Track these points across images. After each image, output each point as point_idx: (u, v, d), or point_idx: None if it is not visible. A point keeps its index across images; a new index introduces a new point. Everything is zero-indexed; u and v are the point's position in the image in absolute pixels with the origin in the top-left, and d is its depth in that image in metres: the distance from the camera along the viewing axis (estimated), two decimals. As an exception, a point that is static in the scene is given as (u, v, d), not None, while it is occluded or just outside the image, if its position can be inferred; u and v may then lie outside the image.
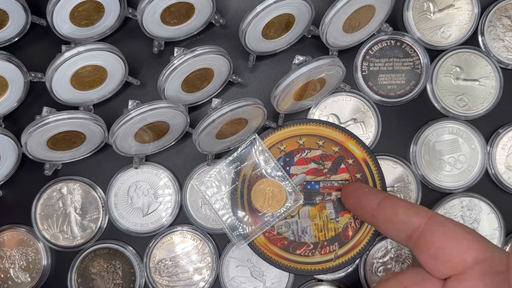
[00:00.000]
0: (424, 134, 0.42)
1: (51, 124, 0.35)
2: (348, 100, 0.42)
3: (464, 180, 0.42)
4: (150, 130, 0.38)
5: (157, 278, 0.41)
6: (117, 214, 0.42)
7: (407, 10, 0.42)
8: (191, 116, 0.41)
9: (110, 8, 0.38)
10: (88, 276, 0.42)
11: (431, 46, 0.42)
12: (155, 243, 0.41)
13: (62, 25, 0.37)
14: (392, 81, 0.42)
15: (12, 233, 0.42)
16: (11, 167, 0.40)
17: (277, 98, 0.37)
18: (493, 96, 0.42)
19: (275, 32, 0.39)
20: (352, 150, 0.40)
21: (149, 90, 0.42)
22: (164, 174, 0.42)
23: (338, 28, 0.38)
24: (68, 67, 0.36)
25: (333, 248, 0.39)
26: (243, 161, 0.40)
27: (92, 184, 0.42)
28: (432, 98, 0.42)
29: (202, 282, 0.41)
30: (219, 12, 0.41)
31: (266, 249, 0.39)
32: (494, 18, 0.42)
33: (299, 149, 0.40)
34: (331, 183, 0.40)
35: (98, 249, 0.41)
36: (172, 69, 0.36)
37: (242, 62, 0.42)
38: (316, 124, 0.40)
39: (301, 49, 0.42)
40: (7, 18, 0.38)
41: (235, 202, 0.40)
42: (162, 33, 0.39)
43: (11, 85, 0.39)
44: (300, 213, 0.40)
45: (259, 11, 0.36)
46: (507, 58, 0.42)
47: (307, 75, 0.36)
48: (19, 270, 0.41)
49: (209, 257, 0.42)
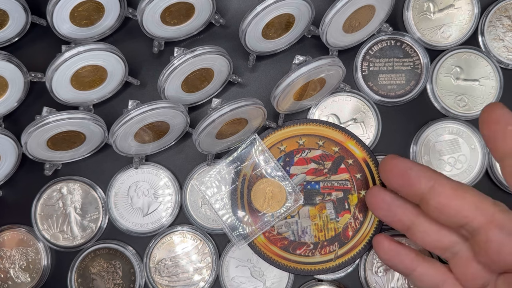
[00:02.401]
0: (424, 134, 0.42)
1: (51, 124, 0.35)
2: (348, 100, 0.42)
3: (464, 180, 0.42)
4: (150, 130, 0.38)
5: (157, 278, 0.41)
6: (117, 214, 0.42)
7: (407, 10, 0.42)
8: (191, 116, 0.41)
9: (110, 8, 0.38)
10: (88, 276, 0.42)
11: (431, 46, 0.42)
12: (155, 243, 0.41)
13: (62, 25, 0.37)
14: (392, 81, 0.42)
15: (12, 233, 0.42)
16: (11, 167, 0.40)
17: (277, 98, 0.37)
18: (493, 96, 0.42)
19: (275, 32, 0.39)
20: (352, 150, 0.40)
21: (149, 90, 0.42)
22: (164, 174, 0.42)
23: (338, 28, 0.38)
24: (68, 67, 0.36)
25: (333, 248, 0.39)
26: (243, 161, 0.40)
27: (92, 184, 0.42)
28: (432, 98, 0.42)
29: (202, 282, 0.41)
30: (219, 12, 0.41)
31: (266, 249, 0.39)
32: (494, 18, 0.42)
33: (299, 149, 0.40)
34: (331, 183, 0.40)
35: (98, 249, 0.41)
36: (172, 69, 0.36)
37: (242, 62, 0.42)
38: (316, 124, 0.40)
39: (301, 49, 0.42)
40: (7, 18, 0.38)
41: (235, 202, 0.40)
42: (162, 33, 0.39)
43: (11, 85, 0.39)
44: (300, 213, 0.40)
45: (259, 11, 0.36)
46: (507, 58, 0.42)
47: (307, 75, 0.36)
48: (19, 270, 0.41)
49: (209, 257, 0.42)
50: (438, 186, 0.31)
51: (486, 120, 0.30)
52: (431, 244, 0.33)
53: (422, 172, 0.32)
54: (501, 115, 0.30)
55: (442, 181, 0.31)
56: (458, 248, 0.33)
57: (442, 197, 0.31)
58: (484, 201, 0.31)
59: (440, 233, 0.33)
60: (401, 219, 0.34)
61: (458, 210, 0.31)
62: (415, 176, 0.32)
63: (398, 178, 0.33)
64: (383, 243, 0.35)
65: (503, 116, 0.30)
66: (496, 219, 0.30)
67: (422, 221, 0.34)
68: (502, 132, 0.29)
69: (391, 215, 0.35)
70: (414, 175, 0.32)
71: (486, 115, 0.30)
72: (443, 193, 0.31)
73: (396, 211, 0.34)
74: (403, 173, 0.33)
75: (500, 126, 0.29)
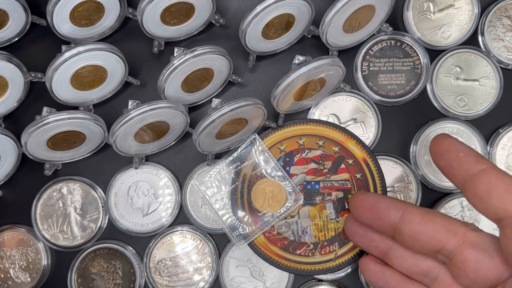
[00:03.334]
0: (424, 134, 0.42)
1: (51, 124, 0.35)
2: (348, 100, 0.42)
3: (464, 180, 0.42)
4: (150, 130, 0.38)
5: (157, 278, 0.41)
6: (117, 214, 0.42)
7: (407, 10, 0.42)
8: (191, 116, 0.41)
9: (110, 8, 0.38)
10: (88, 276, 0.42)
11: (431, 46, 0.42)
12: (155, 243, 0.41)
13: (62, 25, 0.37)
14: (392, 81, 0.42)
15: (12, 233, 0.42)
16: (11, 167, 0.40)
17: (277, 98, 0.37)
18: (493, 96, 0.42)
19: (275, 32, 0.39)
20: (352, 150, 0.40)
21: (149, 90, 0.42)
22: (164, 174, 0.42)
23: (338, 28, 0.38)
24: (68, 67, 0.36)
25: (333, 248, 0.39)
26: (243, 161, 0.40)
27: (92, 184, 0.42)
28: (432, 98, 0.42)
29: (202, 282, 0.41)
30: (219, 12, 0.41)
31: (266, 249, 0.39)
32: (494, 18, 0.42)
33: (299, 149, 0.40)
34: (331, 183, 0.40)
35: (98, 249, 0.41)
36: (172, 69, 0.36)
37: (242, 62, 0.42)
38: (316, 124, 0.40)
39: (301, 49, 0.42)
40: (7, 18, 0.38)
41: (235, 202, 0.40)
42: (162, 33, 0.39)
43: (11, 85, 0.39)
44: (300, 213, 0.40)
45: (259, 11, 0.36)
46: (507, 58, 0.42)
47: (307, 75, 0.36)
48: (19, 270, 0.41)
49: (209, 257, 0.42)
50: (408, 214, 0.32)
51: (437, 152, 0.31)
52: (408, 269, 0.33)
53: (390, 203, 0.33)
54: (450, 144, 0.30)
55: (410, 209, 0.32)
56: (436, 273, 0.32)
57: (414, 224, 0.31)
58: (454, 222, 0.31)
59: (417, 258, 0.33)
60: (378, 245, 0.34)
61: (431, 235, 0.31)
62: (384, 209, 0.33)
63: (368, 213, 0.34)
64: (369, 265, 0.35)
65: (452, 145, 0.30)
66: (468, 238, 0.30)
67: (398, 246, 0.34)
68: (455, 160, 0.30)
69: (367, 240, 0.35)
70: (383, 207, 0.33)
71: (436, 147, 0.31)
72: (413, 220, 0.31)
73: (372, 237, 0.35)
74: (372, 207, 0.33)
75: (452, 154, 0.30)
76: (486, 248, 0.30)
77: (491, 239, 0.30)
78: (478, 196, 0.29)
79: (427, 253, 0.32)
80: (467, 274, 0.30)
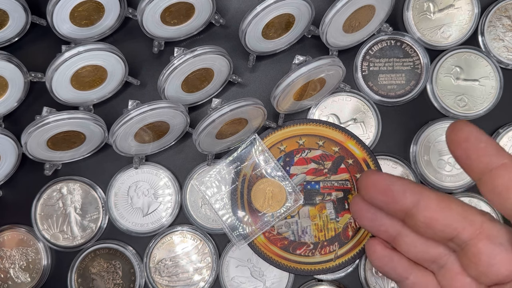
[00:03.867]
0: (424, 134, 0.42)
1: (51, 124, 0.35)
2: (348, 100, 0.42)
3: (464, 180, 0.42)
4: (150, 130, 0.38)
5: (157, 278, 0.41)
6: (117, 214, 0.42)
7: (407, 10, 0.42)
8: (191, 116, 0.41)
9: (110, 8, 0.38)
10: (88, 276, 0.42)
11: (431, 46, 0.42)
12: (155, 243, 0.41)
13: (62, 25, 0.37)
14: (392, 81, 0.42)
15: (12, 233, 0.42)
16: (11, 167, 0.40)
17: (277, 98, 0.37)
18: (493, 96, 0.42)
19: (275, 32, 0.39)
20: (352, 150, 0.40)
21: (149, 90, 0.42)
22: (164, 174, 0.42)
23: (338, 28, 0.38)
24: (68, 67, 0.36)
25: (333, 248, 0.39)
26: (243, 161, 0.40)
27: (92, 184, 0.42)
28: (432, 98, 0.42)
29: (202, 282, 0.41)
30: (219, 12, 0.41)
31: (266, 249, 0.39)
32: (494, 18, 0.42)
33: (299, 149, 0.40)
34: (331, 183, 0.40)
35: (98, 249, 0.41)
36: (172, 69, 0.36)
37: (242, 62, 0.42)
38: (316, 124, 0.40)
39: (301, 49, 0.42)
40: (7, 18, 0.38)
41: (235, 202, 0.40)
42: (162, 33, 0.39)
43: (11, 85, 0.39)
44: (300, 213, 0.40)
45: (259, 11, 0.36)
46: (507, 58, 0.42)
47: (307, 75, 0.36)
48: (19, 270, 0.41)
49: (209, 257, 0.42)
50: (424, 200, 0.30)
51: (454, 140, 0.28)
52: (417, 256, 0.32)
53: (406, 186, 0.30)
54: (469, 132, 0.28)
55: (427, 194, 0.30)
56: (445, 260, 0.31)
57: (429, 211, 0.29)
58: (470, 211, 0.29)
59: (427, 245, 0.31)
60: (387, 230, 0.33)
61: (446, 223, 0.29)
62: (399, 191, 0.30)
63: (380, 195, 0.31)
64: (376, 248, 0.34)
65: (471, 133, 0.28)
66: (485, 229, 0.29)
67: (409, 232, 0.32)
68: (474, 150, 0.28)
69: (376, 225, 0.33)
70: (398, 190, 0.30)
71: (453, 135, 0.28)
72: (429, 206, 0.29)
73: (382, 221, 0.33)
74: (386, 189, 0.31)
75: (471, 144, 0.28)
76: (503, 241, 0.28)
77: (508, 232, 0.29)
78: (496, 191, 0.27)
79: (439, 240, 0.30)
80: (478, 266, 0.29)
